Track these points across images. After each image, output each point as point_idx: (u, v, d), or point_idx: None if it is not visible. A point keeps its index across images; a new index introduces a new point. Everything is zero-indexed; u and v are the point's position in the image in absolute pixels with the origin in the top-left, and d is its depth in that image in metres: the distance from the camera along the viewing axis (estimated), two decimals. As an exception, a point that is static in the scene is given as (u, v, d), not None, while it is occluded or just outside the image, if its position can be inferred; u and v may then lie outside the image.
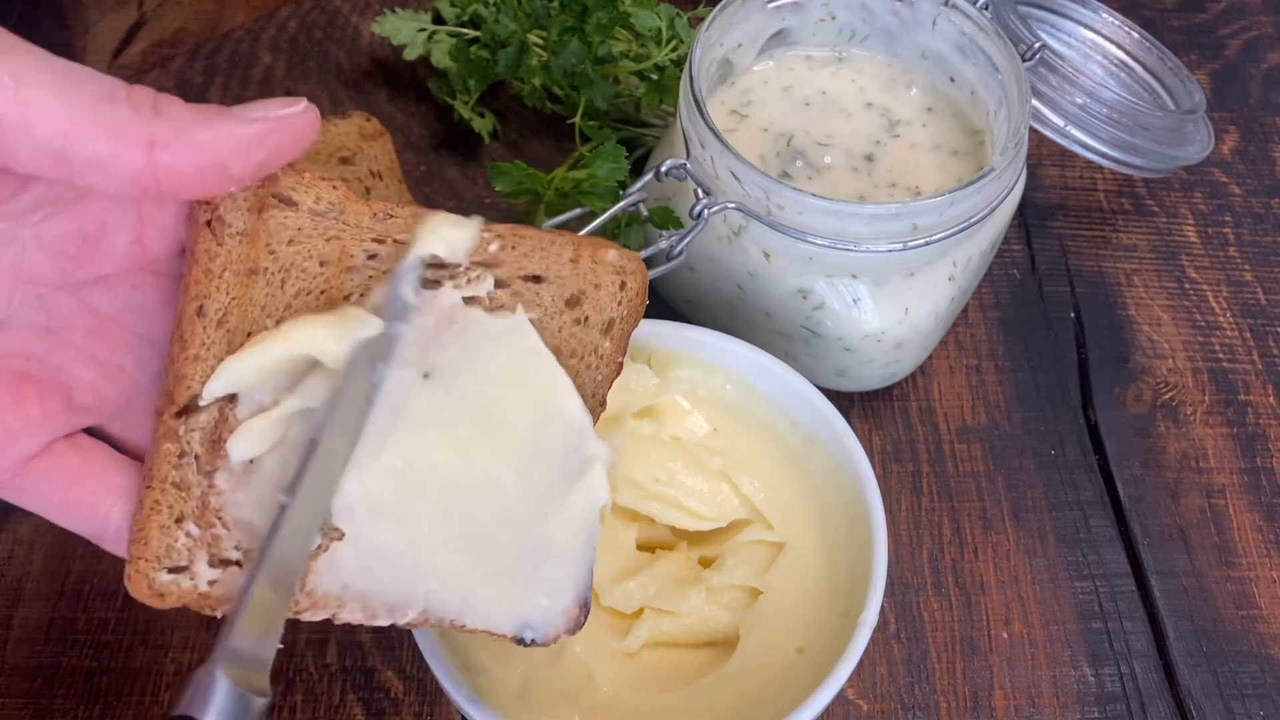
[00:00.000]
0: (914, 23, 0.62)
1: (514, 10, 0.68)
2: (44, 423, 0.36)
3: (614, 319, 0.40)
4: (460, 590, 0.38)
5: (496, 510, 0.38)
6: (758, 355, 0.53)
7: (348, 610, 0.38)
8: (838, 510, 0.52)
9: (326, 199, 0.37)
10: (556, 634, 0.40)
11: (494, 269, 0.39)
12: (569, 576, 0.40)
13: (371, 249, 0.38)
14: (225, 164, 0.34)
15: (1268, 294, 0.72)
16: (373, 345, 0.37)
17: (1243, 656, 0.58)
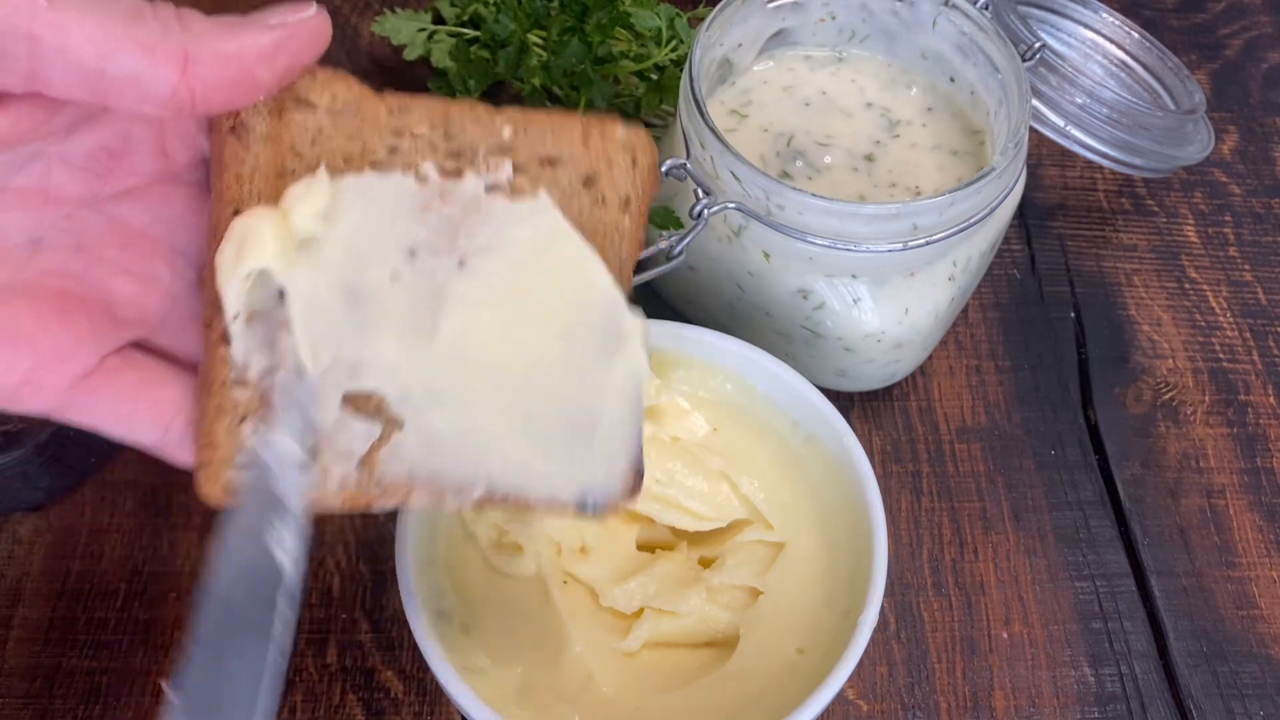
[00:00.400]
0: (914, 23, 0.62)
1: (514, 10, 0.68)
2: (93, 337, 0.36)
3: (629, 196, 0.40)
4: (520, 465, 0.39)
5: (544, 385, 0.39)
6: (758, 355, 0.53)
7: (416, 495, 0.39)
8: (838, 510, 0.52)
9: (342, 97, 0.38)
10: (614, 500, 0.41)
11: (509, 155, 0.39)
12: (621, 442, 0.40)
13: (391, 143, 0.38)
14: (253, 72, 0.34)
15: (1268, 294, 0.72)
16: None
17: (1243, 656, 0.58)
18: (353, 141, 0.38)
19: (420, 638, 0.45)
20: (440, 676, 0.44)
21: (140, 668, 0.55)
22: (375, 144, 0.38)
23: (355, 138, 0.38)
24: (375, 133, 0.38)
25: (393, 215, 0.38)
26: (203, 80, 0.33)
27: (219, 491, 0.37)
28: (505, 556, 0.51)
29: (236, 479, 0.37)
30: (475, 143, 0.39)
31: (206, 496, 0.38)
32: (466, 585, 0.50)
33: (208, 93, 0.33)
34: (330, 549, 0.58)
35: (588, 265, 0.39)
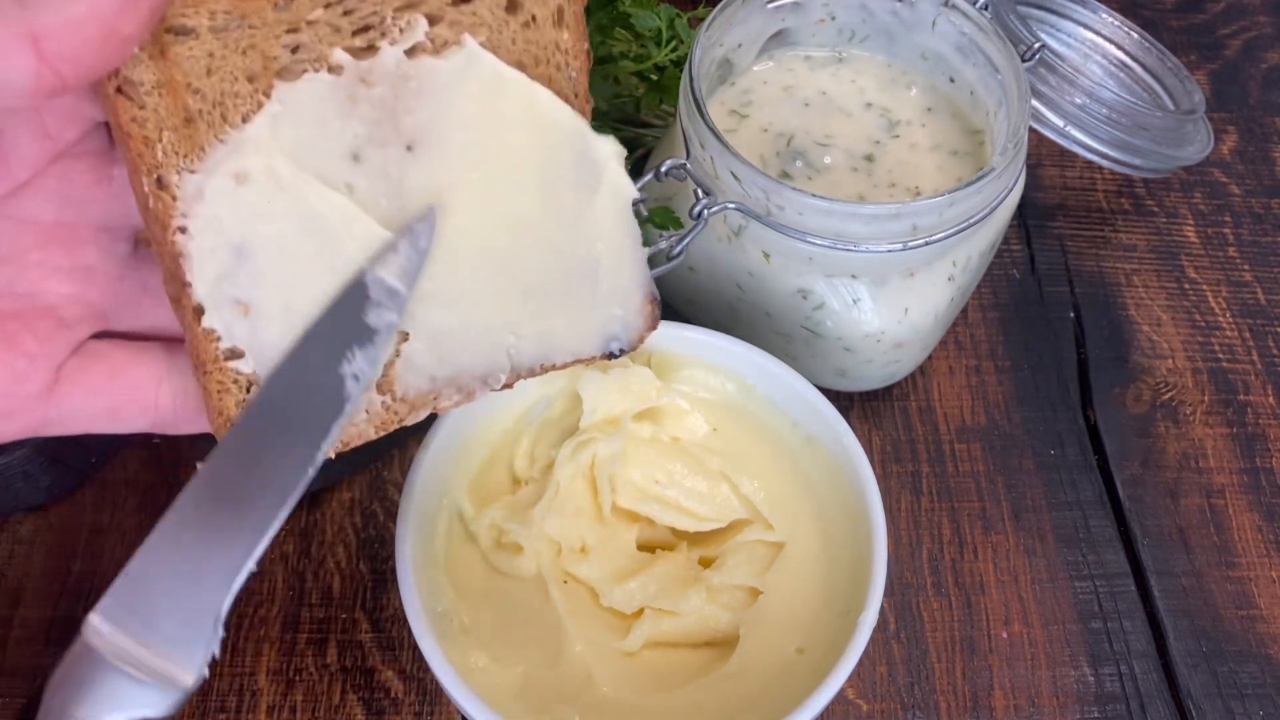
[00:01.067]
0: (914, 23, 0.62)
1: (514, 10, 0.68)
2: (44, 351, 0.35)
3: (561, 5, 0.37)
4: (537, 334, 0.38)
5: (534, 245, 0.38)
6: (758, 355, 0.53)
7: (444, 398, 0.38)
8: (838, 510, 0.52)
9: (221, 10, 0.33)
10: (640, 335, 0.40)
11: (419, 7, 0.35)
12: (629, 276, 0.39)
13: (290, 41, 0.34)
14: (115, 27, 0.30)
15: (1267, 294, 0.72)
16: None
17: (1242, 656, 0.58)
18: (249, 55, 0.34)
19: (420, 637, 0.45)
20: (440, 676, 0.44)
21: (140, 667, 0.55)
22: (274, 49, 0.34)
23: (251, 50, 0.34)
24: (269, 37, 0.34)
25: (321, 123, 0.35)
26: (62, 55, 0.29)
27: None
28: (505, 556, 0.51)
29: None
30: (378, 8, 0.35)
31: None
32: (466, 585, 0.50)
33: (74, 66, 0.29)
34: (330, 549, 0.58)
35: (539, 103, 0.37)
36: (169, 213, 0.34)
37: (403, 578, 0.46)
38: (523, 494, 0.52)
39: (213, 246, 0.34)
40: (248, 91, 0.34)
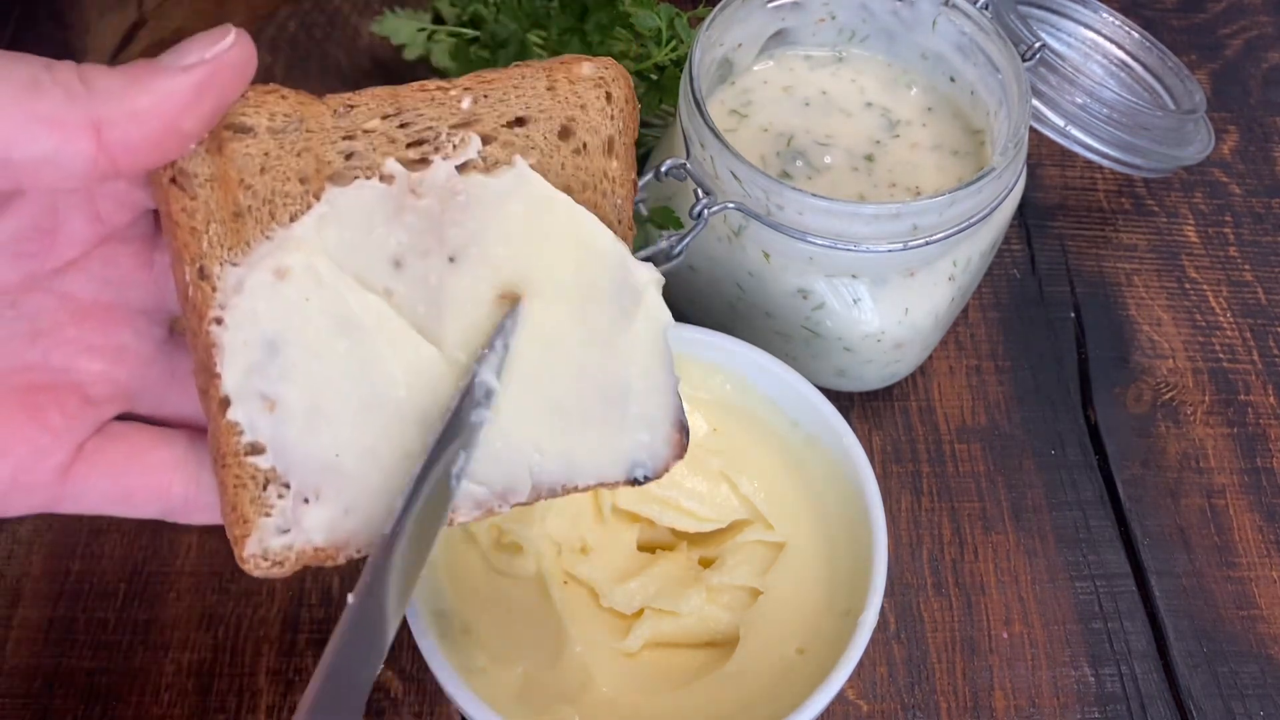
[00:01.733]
0: (914, 23, 0.62)
1: (514, 10, 0.68)
2: (68, 427, 0.35)
3: (612, 136, 0.38)
4: (561, 454, 0.38)
5: (568, 364, 0.37)
6: (758, 355, 0.53)
7: (463, 512, 0.37)
8: (838, 510, 0.51)
9: (281, 112, 0.34)
10: (666, 463, 0.39)
11: (474, 126, 0.36)
12: (659, 404, 0.39)
13: (345, 148, 0.35)
14: (177, 124, 0.31)
15: (1268, 294, 0.72)
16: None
17: (1243, 657, 0.58)
18: (304, 158, 0.35)
19: (420, 637, 0.45)
20: (440, 676, 0.44)
21: (140, 667, 0.55)
22: (328, 153, 0.35)
23: (306, 152, 0.35)
24: (325, 142, 0.35)
25: (367, 228, 0.35)
26: (121, 145, 0.30)
27: (264, 565, 0.36)
28: (505, 556, 0.51)
29: (276, 548, 0.36)
30: (434, 123, 0.36)
31: (254, 573, 0.36)
32: (466, 585, 0.50)
33: (130, 155, 0.30)
34: (330, 549, 0.58)
35: (583, 226, 0.37)
36: (207, 303, 0.34)
37: None
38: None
39: (246, 339, 0.34)
40: (298, 192, 0.34)
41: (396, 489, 0.36)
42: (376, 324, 0.35)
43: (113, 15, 0.82)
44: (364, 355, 0.35)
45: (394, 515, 0.35)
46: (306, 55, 0.79)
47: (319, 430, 0.35)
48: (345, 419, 0.35)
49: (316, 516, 0.35)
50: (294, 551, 0.35)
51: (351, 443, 0.35)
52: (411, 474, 0.36)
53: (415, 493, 0.35)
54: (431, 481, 0.36)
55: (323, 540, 0.36)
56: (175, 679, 0.54)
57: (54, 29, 0.81)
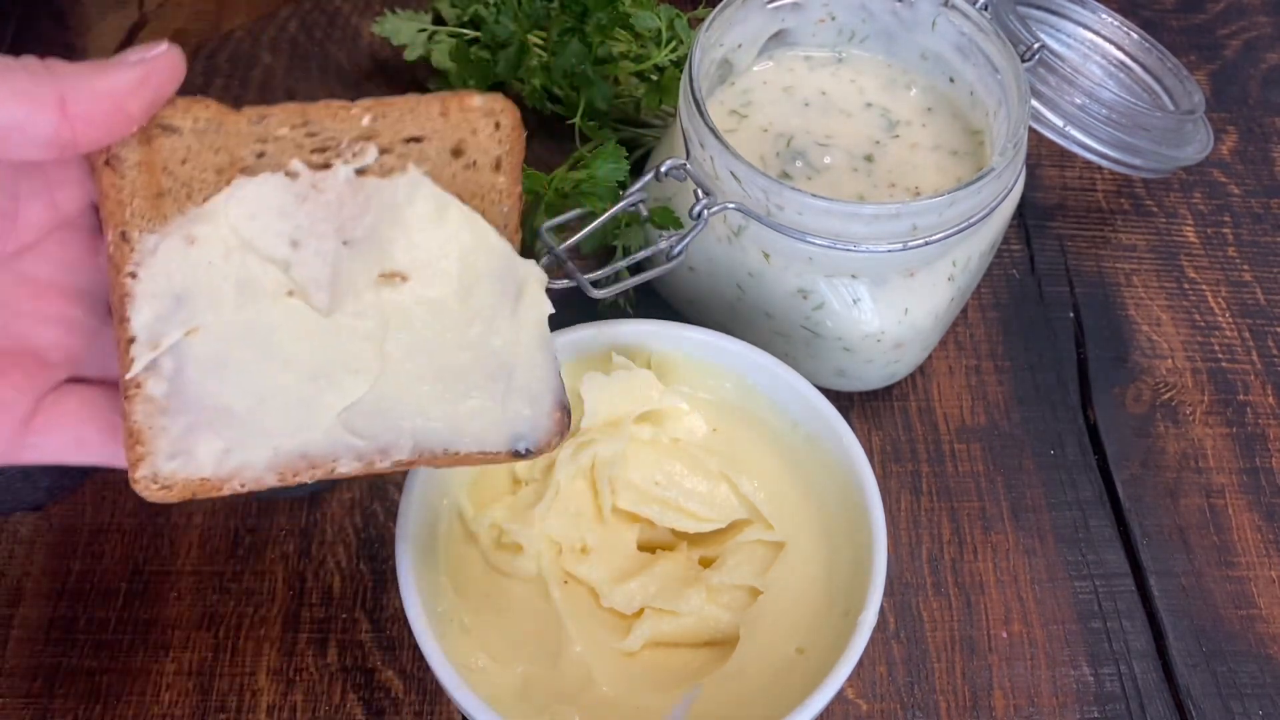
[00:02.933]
0: (913, 23, 0.62)
1: (514, 11, 0.69)
2: (29, 384, 0.40)
3: (499, 156, 0.43)
4: (443, 418, 0.41)
5: (452, 341, 0.41)
6: (758, 355, 0.53)
7: (343, 463, 0.40)
8: (838, 510, 0.52)
9: (204, 117, 0.40)
10: (549, 439, 0.43)
11: (373, 139, 0.41)
12: (541, 382, 0.43)
13: (257, 149, 0.40)
14: (125, 105, 0.37)
15: (1267, 294, 0.72)
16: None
17: (1242, 656, 0.58)
18: (220, 154, 0.40)
19: (420, 637, 0.45)
20: (440, 676, 0.44)
21: (141, 667, 0.55)
22: (242, 153, 0.40)
23: (222, 150, 0.40)
24: (240, 143, 0.40)
25: (270, 213, 0.40)
26: (81, 117, 0.36)
27: (151, 489, 0.39)
28: (506, 556, 0.51)
29: (166, 471, 0.39)
30: (338, 135, 0.41)
31: (141, 492, 0.39)
32: (467, 585, 0.50)
33: (87, 129, 0.36)
34: (330, 548, 0.58)
35: (470, 223, 0.41)
36: (125, 259, 0.39)
37: (403, 578, 0.46)
38: (523, 494, 0.52)
39: (156, 291, 0.39)
40: (213, 180, 0.40)
41: (280, 433, 0.40)
42: (273, 289, 0.40)
43: (113, 15, 0.82)
44: (259, 314, 0.40)
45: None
46: (307, 56, 0.79)
47: (214, 373, 0.39)
48: (238, 367, 0.40)
49: (206, 449, 0.39)
50: (181, 478, 0.39)
51: (241, 388, 0.40)
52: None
53: None
54: None
55: (209, 472, 0.40)
56: (176, 678, 0.55)
57: (55, 29, 0.81)
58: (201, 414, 0.39)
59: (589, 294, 0.52)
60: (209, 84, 0.77)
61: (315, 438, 0.40)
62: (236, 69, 0.78)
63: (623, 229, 0.61)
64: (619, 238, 0.61)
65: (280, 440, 0.40)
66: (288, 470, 0.40)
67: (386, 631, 0.56)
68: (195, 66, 0.78)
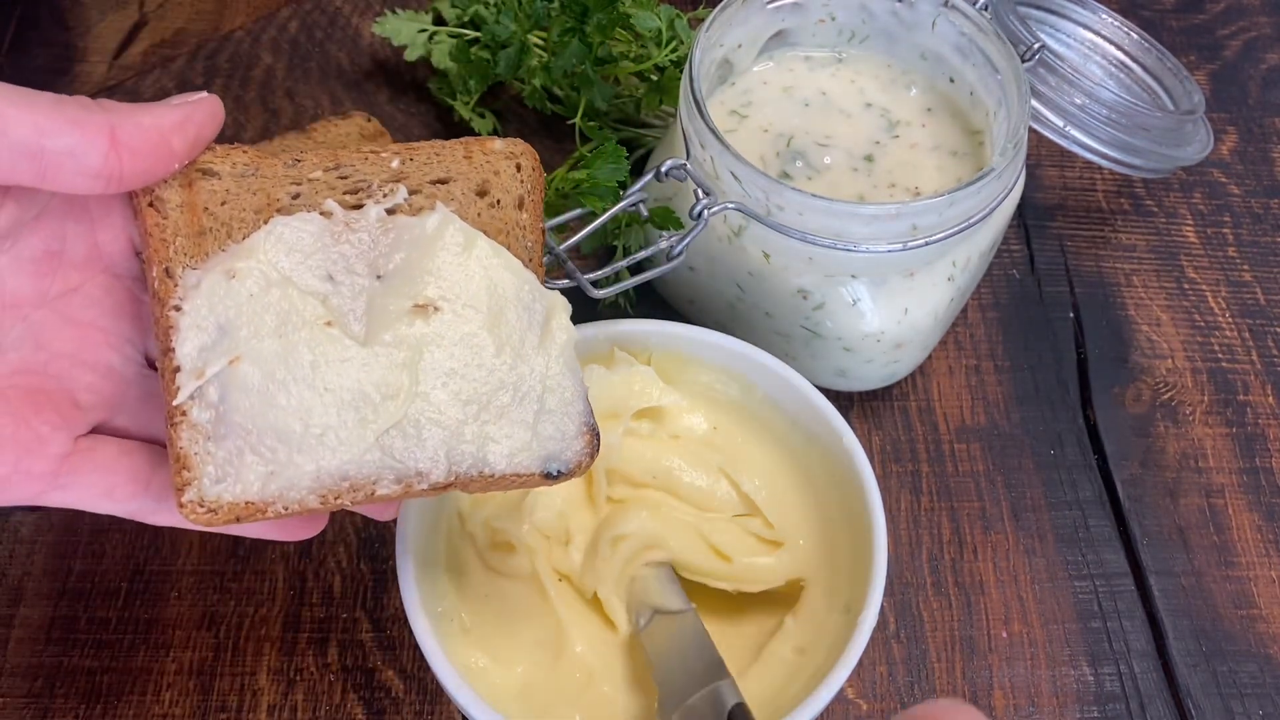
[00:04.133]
0: (913, 23, 0.62)
1: (514, 11, 0.69)
2: (63, 424, 0.41)
3: (521, 195, 0.45)
4: (476, 440, 0.42)
5: (482, 365, 0.42)
6: (759, 355, 0.53)
7: (383, 485, 0.41)
8: (838, 510, 0.52)
9: (241, 162, 0.43)
10: (579, 460, 0.44)
11: (402, 181, 0.44)
12: (568, 407, 0.44)
13: (292, 190, 0.43)
14: (169, 140, 0.39)
15: (1267, 294, 0.72)
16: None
17: (1242, 656, 0.58)
18: (258, 195, 0.43)
19: (421, 637, 0.45)
20: (441, 676, 0.45)
21: (141, 667, 0.55)
22: (278, 194, 0.43)
23: (259, 192, 0.43)
24: (276, 185, 0.43)
25: (307, 249, 0.42)
26: (128, 149, 0.38)
27: (198, 511, 0.39)
28: (500, 556, 0.51)
29: (212, 494, 0.40)
30: (369, 177, 0.44)
31: (187, 516, 0.39)
32: (467, 585, 0.50)
33: (134, 161, 0.38)
34: (331, 548, 0.58)
35: (497, 256, 0.43)
36: (169, 294, 0.41)
37: (403, 578, 0.46)
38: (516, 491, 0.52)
39: (200, 323, 0.40)
40: (251, 220, 0.42)
41: (321, 456, 0.40)
42: (311, 320, 0.41)
43: (114, 15, 0.82)
44: (299, 343, 0.41)
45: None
46: (307, 56, 0.79)
47: (257, 399, 0.40)
48: (280, 393, 0.40)
49: (251, 472, 0.40)
50: (226, 501, 0.40)
51: (284, 412, 0.40)
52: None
53: None
54: None
55: (255, 495, 0.40)
56: (177, 678, 0.55)
57: (56, 29, 0.81)
58: (245, 439, 0.40)
59: (589, 294, 0.52)
60: (209, 84, 0.77)
61: (355, 460, 0.41)
62: (237, 69, 0.78)
63: (623, 229, 0.61)
64: (619, 238, 0.61)
65: (322, 463, 0.40)
66: (330, 493, 0.41)
67: (387, 631, 0.56)
68: (196, 66, 0.78)
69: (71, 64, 0.79)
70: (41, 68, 0.78)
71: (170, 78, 0.78)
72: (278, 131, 0.74)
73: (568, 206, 0.58)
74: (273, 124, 0.75)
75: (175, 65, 0.78)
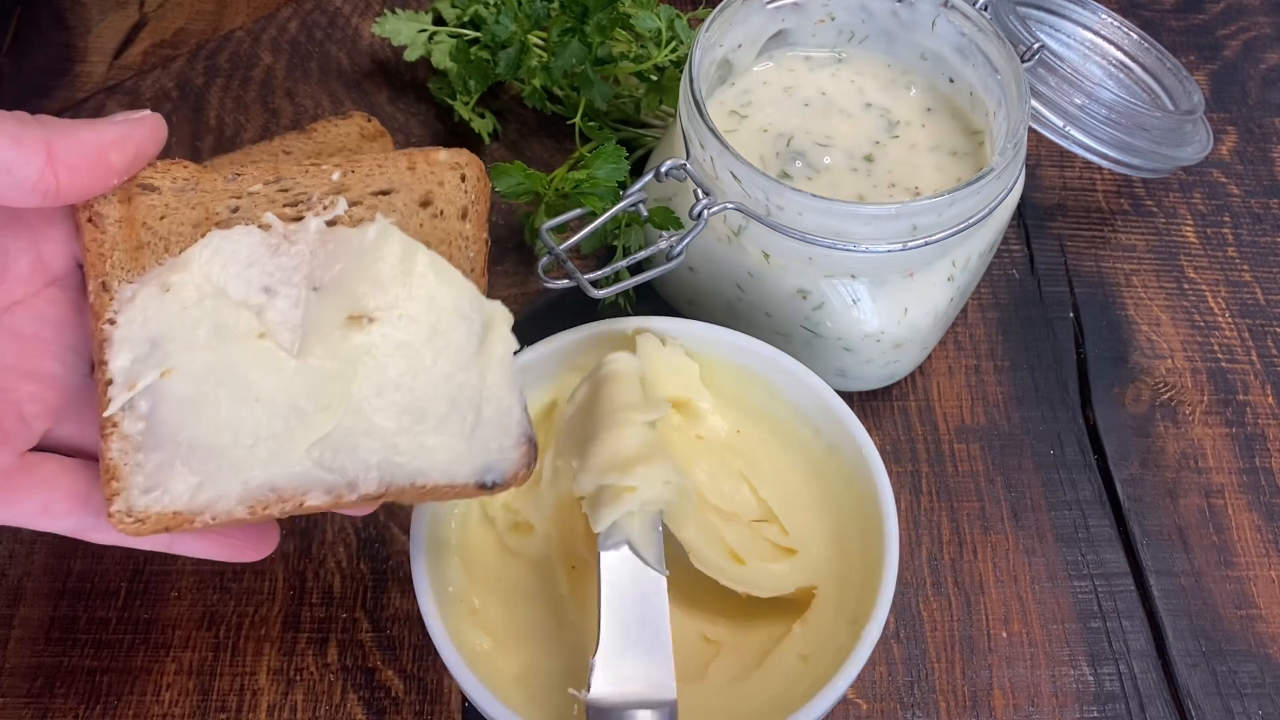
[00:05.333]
0: (913, 24, 0.62)
1: (514, 11, 0.69)
2: (6, 440, 0.40)
3: (465, 206, 0.45)
4: (410, 450, 0.42)
5: (420, 377, 0.42)
6: (786, 361, 0.53)
7: (312, 496, 0.41)
8: (852, 520, 0.51)
9: (181, 177, 0.43)
10: (515, 471, 0.43)
11: (343, 193, 0.44)
12: (507, 417, 0.43)
13: (232, 204, 0.43)
14: (108, 156, 0.39)
15: (1266, 294, 0.72)
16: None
17: (1241, 656, 0.58)
18: (197, 210, 0.43)
19: (428, 617, 0.45)
20: (444, 655, 0.45)
21: (141, 667, 0.55)
22: (217, 208, 0.43)
23: (199, 206, 0.43)
24: (216, 199, 0.43)
25: (244, 262, 0.42)
26: (66, 164, 0.38)
27: (126, 522, 0.40)
28: (518, 537, 0.51)
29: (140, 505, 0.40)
30: (309, 189, 0.44)
31: (115, 525, 0.40)
32: (480, 568, 0.50)
33: (71, 176, 0.38)
34: (331, 548, 0.58)
35: (436, 267, 0.43)
36: (105, 307, 0.41)
37: (415, 557, 0.47)
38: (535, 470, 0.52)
39: (133, 336, 0.41)
40: (190, 234, 0.43)
41: (250, 467, 0.40)
42: (244, 332, 0.41)
43: (114, 15, 0.82)
44: (231, 355, 0.41)
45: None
46: (307, 56, 0.79)
47: (187, 411, 0.40)
48: (211, 405, 0.41)
49: (179, 483, 0.40)
50: (154, 512, 0.40)
51: (214, 424, 0.40)
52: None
53: None
54: None
55: (183, 505, 0.40)
56: (176, 678, 0.55)
57: (55, 29, 0.81)
58: (175, 450, 0.40)
59: (589, 294, 0.52)
60: (209, 84, 0.77)
61: (284, 472, 0.41)
62: (237, 69, 0.78)
63: (623, 229, 0.61)
64: (619, 238, 0.61)
65: (251, 474, 0.40)
66: (258, 504, 0.41)
67: (387, 631, 0.56)
68: (196, 66, 0.78)
69: (71, 64, 0.79)
70: (41, 68, 0.78)
71: (170, 78, 0.77)
72: (277, 131, 0.74)
73: (568, 206, 0.58)
74: (273, 124, 0.75)
75: (175, 65, 0.78)
